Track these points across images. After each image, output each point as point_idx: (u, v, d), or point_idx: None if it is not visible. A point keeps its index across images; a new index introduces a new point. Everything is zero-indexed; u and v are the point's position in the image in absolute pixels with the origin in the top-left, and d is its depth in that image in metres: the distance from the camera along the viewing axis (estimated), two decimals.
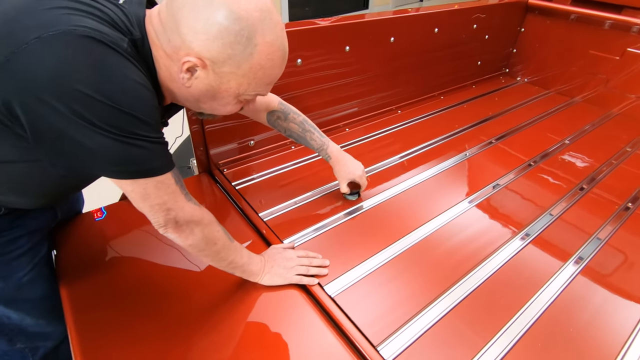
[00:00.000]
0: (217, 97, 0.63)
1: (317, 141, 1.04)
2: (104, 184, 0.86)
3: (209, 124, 1.15)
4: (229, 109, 0.67)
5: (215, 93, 0.62)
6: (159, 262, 0.92)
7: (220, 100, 0.64)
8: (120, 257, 0.94)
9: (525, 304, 0.85)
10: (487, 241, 1.01)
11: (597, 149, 1.49)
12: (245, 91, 0.63)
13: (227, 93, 0.63)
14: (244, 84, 0.62)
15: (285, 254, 0.88)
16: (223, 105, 0.66)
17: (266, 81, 0.64)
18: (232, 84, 0.61)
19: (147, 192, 0.60)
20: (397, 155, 1.37)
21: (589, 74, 1.93)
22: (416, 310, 0.82)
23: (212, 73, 0.59)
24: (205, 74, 0.59)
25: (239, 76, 0.60)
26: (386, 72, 1.56)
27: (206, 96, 0.63)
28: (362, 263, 0.93)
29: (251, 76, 0.61)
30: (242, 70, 0.60)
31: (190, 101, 0.66)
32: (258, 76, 0.62)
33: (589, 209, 1.16)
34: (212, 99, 0.64)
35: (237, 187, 1.17)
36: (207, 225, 0.70)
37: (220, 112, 0.68)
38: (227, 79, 0.60)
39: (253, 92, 0.64)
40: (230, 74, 0.60)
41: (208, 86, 0.61)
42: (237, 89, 0.62)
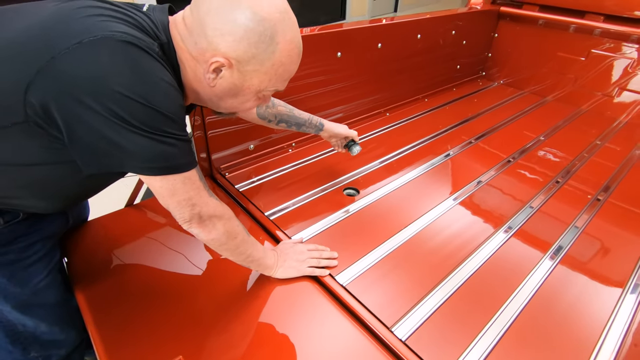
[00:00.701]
0: (239, 94, 0.68)
1: (304, 116, 1.12)
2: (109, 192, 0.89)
3: (211, 129, 1.18)
4: (249, 105, 0.72)
5: (238, 91, 0.67)
6: (167, 266, 0.95)
7: (241, 98, 0.69)
8: (129, 262, 0.95)
9: (520, 284, 0.93)
10: (475, 233, 1.07)
11: (569, 144, 1.61)
12: (265, 87, 0.68)
13: (249, 90, 0.67)
14: (265, 81, 0.67)
15: (296, 248, 0.92)
16: (243, 102, 0.70)
17: (285, 77, 0.69)
18: (255, 81, 0.66)
19: (175, 187, 0.64)
20: (388, 155, 1.44)
21: (559, 75, 2.08)
22: (421, 295, 0.88)
23: (237, 72, 0.64)
24: (230, 73, 0.64)
25: (262, 73, 0.65)
26: (375, 76, 1.64)
27: (229, 94, 0.68)
28: (368, 254, 0.98)
29: (272, 73, 0.66)
30: (264, 67, 0.65)
31: (213, 100, 0.70)
32: (279, 72, 0.67)
33: (566, 200, 1.24)
34: (234, 96, 0.68)
35: (241, 190, 1.20)
36: (228, 220, 0.74)
37: (239, 109, 0.73)
38: (250, 77, 0.65)
39: (272, 87, 0.70)
40: (253, 72, 0.65)
41: (232, 85, 0.66)
42: (258, 85, 0.67)
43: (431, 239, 1.05)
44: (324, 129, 1.15)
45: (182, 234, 1.03)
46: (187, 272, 0.93)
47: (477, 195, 1.25)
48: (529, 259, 1.00)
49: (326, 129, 1.16)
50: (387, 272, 0.93)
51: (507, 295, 0.89)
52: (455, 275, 0.93)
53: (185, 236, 1.02)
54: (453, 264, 0.97)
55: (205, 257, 0.97)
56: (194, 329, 0.79)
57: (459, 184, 1.30)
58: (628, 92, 1.90)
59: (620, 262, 1.02)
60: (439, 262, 0.97)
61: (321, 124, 1.15)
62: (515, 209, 1.18)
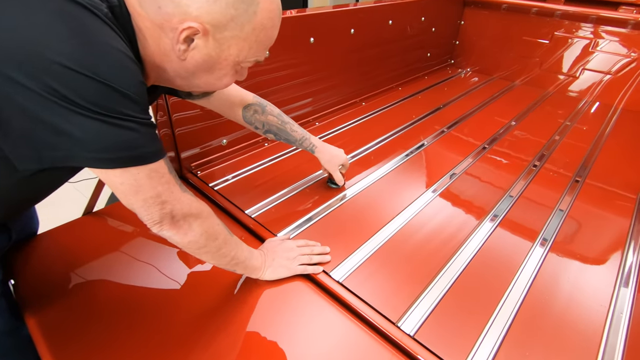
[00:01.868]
0: (215, 68, 0.58)
1: (298, 132, 1.01)
2: (61, 198, 0.76)
3: (179, 126, 1.07)
4: (226, 81, 0.62)
5: (213, 64, 0.57)
6: (138, 280, 0.83)
7: (217, 72, 0.59)
8: (91, 278, 0.82)
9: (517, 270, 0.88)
10: (461, 223, 1.01)
11: (540, 127, 1.62)
12: (245, 57, 0.59)
13: (227, 62, 0.58)
14: (245, 49, 0.57)
15: (284, 245, 0.84)
16: (220, 77, 0.60)
17: (266, 44, 0.60)
18: (233, 50, 0.57)
19: (139, 183, 0.53)
20: (367, 146, 1.37)
21: (525, 59, 2.12)
22: (421, 288, 0.81)
23: (212, 40, 0.54)
24: (204, 42, 0.54)
25: (241, 40, 0.56)
26: (349, 64, 1.58)
27: (202, 69, 0.57)
28: (359, 248, 0.91)
29: (253, 39, 0.57)
30: (244, 32, 0.55)
31: (183, 77, 0.59)
32: (260, 38, 0.58)
33: (545, 184, 1.22)
34: (208, 71, 0.58)
35: (215, 188, 1.09)
36: (207, 218, 0.64)
37: (216, 86, 0.63)
38: (228, 45, 0.56)
39: (253, 57, 0.60)
40: (231, 39, 0.55)
41: (206, 56, 0.56)
42: (237, 55, 0.58)
43: (418, 231, 0.98)
44: (316, 150, 1.04)
45: (153, 242, 0.91)
46: (161, 285, 0.82)
47: (457, 185, 1.19)
48: (520, 246, 0.96)
49: (319, 157, 1.05)
50: (380, 266, 0.86)
51: (508, 282, 0.85)
52: (451, 266, 0.87)
53: (156, 245, 0.90)
54: (446, 255, 0.90)
55: (180, 267, 0.86)
56: (175, 350, 0.68)
57: (436, 174, 1.23)
58: (590, 72, 1.96)
59: (608, 242, 1.00)
60: (430, 254, 0.91)
61: (312, 148, 1.04)
62: (497, 197, 1.13)
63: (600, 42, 1.89)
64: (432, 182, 1.19)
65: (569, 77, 2.01)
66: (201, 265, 0.86)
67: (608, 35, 1.86)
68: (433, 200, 1.11)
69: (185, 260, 0.87)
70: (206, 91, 0.66)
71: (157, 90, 0.67)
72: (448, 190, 1.16)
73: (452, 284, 0.83)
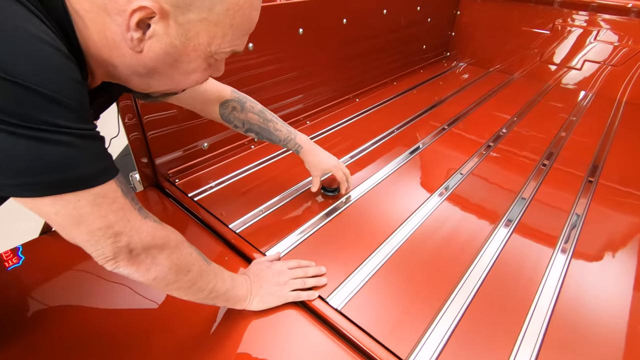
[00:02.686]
0: (182, 61, 0.46)
1: (283, 131, 0.89)
2: (11, 213, 0.63)
3: (152, 129, 0.94)
4: (196, 77, 0.50)
5: (178, 56, 0.45)
6: (107, 303, 0.71)
7: (185, 67, 0.47)
8: (53, 304, 0.70)
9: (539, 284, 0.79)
10: (473, 231, 0.92)
11: (544, 123, 1.53)
12: (219, 47, 0.47)
13: (196, 53, 0.46)
14: (218, 35, 0.45)
15: (274, 268, 0.72)
16: (188, 73, 0.48)
17: (244, 28, 0.48)
18: (203, 38, 0.45)
19: (80, 212, 0.41)
20: (363, 147, 1.26)
21: (524, 50, 2.02)
22: (432, 313, 0.71)
23: (175, 25, 0.42)
24: (164, 28, 0.42)
25: (212, 24, 0.44)
26: (342, 57, 1.46)
27: (165, 63, 0.45)
28: (360, 267, 0.80)
29: (227, 22, 0.45)
30: (215, 14, 0.43)
31: (141, 75, 0.47)
32: (236, 22, 0.46)
33: (558, 185, 1.13)
34: (173, 66, 0.46)
35: (195, 198, 0.97)
36: (176, 248, 0.52)
37: (184, 84, 0.50)
38: (196, 31, 0.44)
39: (229, 46, 0.48)
40: (199, 23, 0.43)
41: (168, 46, 0.44)
42: (208, 44, 0.46)
43: (426, 242, 0.88)
44: (301, 151, 0.92)
45: None
46: (134, 308, 0.70)
47: (464, 188, 1.09)
48: (540, 254, 0.87)
49: (304, 159, 0.93)
50: (385, 287, 0.76)
51: (530, 298, 0.75)
52: (465, 283, 0.77)
53: None
54: (459, 270, 0.80)
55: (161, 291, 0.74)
56: None
57: (441, 176, 1.14)
58: (592, 63, 1.87)
59: (629, 248, 0.91)
60: (442, 269, 0.81)
61: (298, 149, 0.92)
62: (508, 201, 1.04)
63: (602, 31, 1.80)
64: (438, 185, 1.09)
65: (571, 69, 1.92)
66: None
67: (611, 25, 1.78)
68: (440, 205, 1.00)
69: None
70: (170, 92, 0.54)
71: (111, 89, 0.54)
72: (455, 194, 1.06)
73: (468, 304, 0.73)
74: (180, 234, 0.55)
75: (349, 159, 1.18)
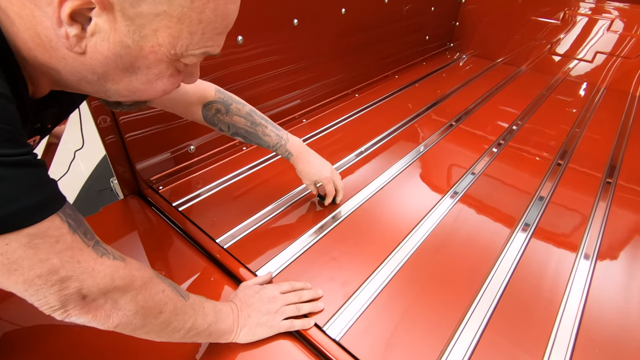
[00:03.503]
0: (139, 65, 0.37)
1: (273, 136, 0.80)
2: None
3: (130, 131, 0.85)
4: (162, 86, 0.40)
5: (133, 59, 0.36)
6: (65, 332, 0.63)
7: (145, 73, 0.38)
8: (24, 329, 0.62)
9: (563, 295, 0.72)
10: (489, 238, 0.86)
11: (556, 118, 1.45)
12: (186, 48, 0.37)
13: (156, 56, 0.37)
14: (184, 35, 0.36)
15: (264, 294, 0.64)
16: (150, 80, 0.39)
17: (219, 25, 0.39)
18: (163, 37, 0.36)
19: (11, 259, 0.32)
20: (364, 147, 1.18)
21: (531, 41, 1.92)
22: (446, 338, 0.63)
23: (123, 19, 0.33)
24: (109, 22, 0.33)
25: (174, 20, 0.35)
26: (339, 50, 1.36)
27: (118, 67, 0.36)
28: (363, 286, 0.72)
29: (194, 18, 0.36)
30: (176, 7, 0.34)
31: (91, 82, 0.38)
32: (205, 17, 0.36)
33: (575, 186, 1.06)
34: (129, 71, 0.37)
35: (180, 208, 0.89)
36: (142, 288, 0.44)
37: (147, 93, 0.41)
38: (153, 28, 0.35)
39: (199, 48, 0.38)
40: (156, 18, 0.34)
41: (118, 46, 0.35)
42: (171, 45, 0.36)
43: (437, 253, 0.81)
44: (292, 158, 0.84)
45: None
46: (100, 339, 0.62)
47: (476, 190, 1.02)
48: (562, 261, 0.81)
49: (295, 167, 0.85)
50: (391, 311, 0.68)
51: (555, 309, 0.70)
52: (481, 301, 0.70)
53: None
54: (474, 286, 0.73)
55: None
56: None
57: (451, 176, 1.07)
58: (603, 55, 1.77)
59: None
60: (454, 285, 0.74)
61: (289, 155, 0.83)
62: (524, 203, 0.98)
63: (615, 21, 1.70)
64: (447, 188, 1.02)
65: (581, 61, 1.82)
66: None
67: (623, 14, 1.68)
68: (451, 210, 0.94)
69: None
70: (138, 100, 0.45)
71: (64, 99, 0.45)
72: (468, 196, 0.99)
73: (486, 323, 0.66)
74: (149, 269, 0.47)
75: (348, 162, 1.10)
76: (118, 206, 0.90)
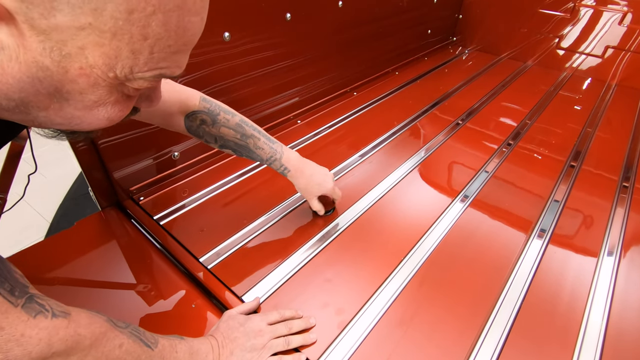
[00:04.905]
0: (68, 91, 0.29)
1: (266, 149, 0.73)
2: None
3: (104, 137, 0.77)
4: (106, 114, 0.32)
5: (59, 83, 0.28)
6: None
7: (77, 98, 0.29)
8: None
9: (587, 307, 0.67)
10: (501, 249, 0.80)
11: (566, 117, 1.37)
12: (131, 70, 0.29)
13: (88, 80, 0.28)
14: (123, 54, 0.28)
15: (249, 326, 0.57)
16: (88, 107, 0.30)
17: (175, 42, 0.30)
18: (94, 57, 0.27)
19: None
20: (365, 149, 1.10)
21: (539, 34, 1.83)
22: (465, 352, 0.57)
23: (34, 34, 0.25)
24: (14, 37, 0.25)
25: (106, 36, 0.26)
26: (336, 46, 1.28)
27: (40, 92, 0.28)
28: (362, 311, 0.65)
29: (135, 33, 0.27)
30: (108, 19, 0.26)
31: (9, 109, 0.29)
32: (152, 32, 0.28)
33: (590, 190, 1.00)
34: (56, 96, 0.29)
35: (162, 222, 0.81)
36: (93, 346, 0.37)
37: (88, 122, 0.32)
38: (78, 46, 0.26)
39: (148, 70, 0.30)
40: (81, 33, 0.26)
41: (34, 67, 0.26)
42: (108, 66, 0.28)
43: (447, 265, 0.74)
44: (289, 174, 0.76)
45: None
46: None
47: (488, 192, 0.96)
48: (582, 268, 0.76)
49: (293, 183, 0.78)
50: (394, 338, 0.61)
51: (577, 325, 0.65)
52: (496, 318, 0.65)
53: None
54: (489, 302, 0.68)
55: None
56: None
57: (461, 179, 1.00)
58: (615, 50, 1.69)
59: None
60: (469, 303, 0.67)
61: (285, 172, 0.75)
62: (538, 207, 0.92)
63: (629, 14, 1.62)
64: (458, 190, 0.96)
65: (591, 57, 1.74)
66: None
67: (636, 7, 1.59)
68: (462, 217, 0.88)
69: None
70: (79, 130, 0.36)
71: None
72: (479, 201, 0.93)
73: (502, 346, 0.59)
74: (102, 321, 0.39)
75: (347, 166, 1.02)
76: (94, 220, 0.82)
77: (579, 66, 1.77)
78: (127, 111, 0.34)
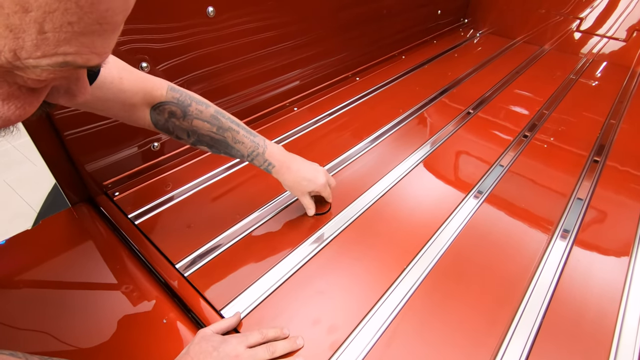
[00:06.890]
0: None
1: (247, 143, 0.63)
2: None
3: (71, 128, 0.68)
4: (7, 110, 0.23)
5: None
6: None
7: None
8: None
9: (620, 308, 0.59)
10: (521, 251, 0.71)
11: (588, 107, 1.26)
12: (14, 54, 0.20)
13: None
14: (8, 36, 0.19)
15: (223, 351, 0.49)
16: None
17: (79, 20, 0.20)
18: None
19: None
20: (367, 140, 1.01)
21: (556, 16, 1.70)
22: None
23: None
24: None
25: None
26: (337, 26, 1.17)
27: None
28: (359, 328, 0.56)
29: (15, 10, 0.19)
30: None
31: None
32: (45, 4, 0.19)
33: (615, 188, 0.90)
34: None
35: (137, 221, 0.73)
36: None
37: None
38: None
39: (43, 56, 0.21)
40: None
41: None
42: None
43: (459, 270, 0.66)
44: (274, 170, 0.67)
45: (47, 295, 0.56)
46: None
47: (504, 187, 0.87)
48: (612, 273, 0.68)
49: (280, 180, 0.69)
50: (401, 355, 0.53)
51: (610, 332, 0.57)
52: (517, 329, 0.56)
53: (52, 299, 0.55)
54: (514, 301, 0.60)
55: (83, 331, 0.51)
56: None
57: (474, 173, 0.91)
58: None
59: None
60: (485, 313, 0.59)
61: (269, 168, 0.67)
62: (560, 206, 0.83)
63: None
64: (472, 185, 0.87)
65: (615, 41, 1.61)
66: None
67: None
68: (476, 212, 0.79)
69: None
70: None
71: None
72: (495, 196, 0.84)
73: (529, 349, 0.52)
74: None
75: (347, 158, 0.93)
76: (61, 218, 0.74)
77: (600, 51, 1.64)
78: (31, 108, 0.25)
